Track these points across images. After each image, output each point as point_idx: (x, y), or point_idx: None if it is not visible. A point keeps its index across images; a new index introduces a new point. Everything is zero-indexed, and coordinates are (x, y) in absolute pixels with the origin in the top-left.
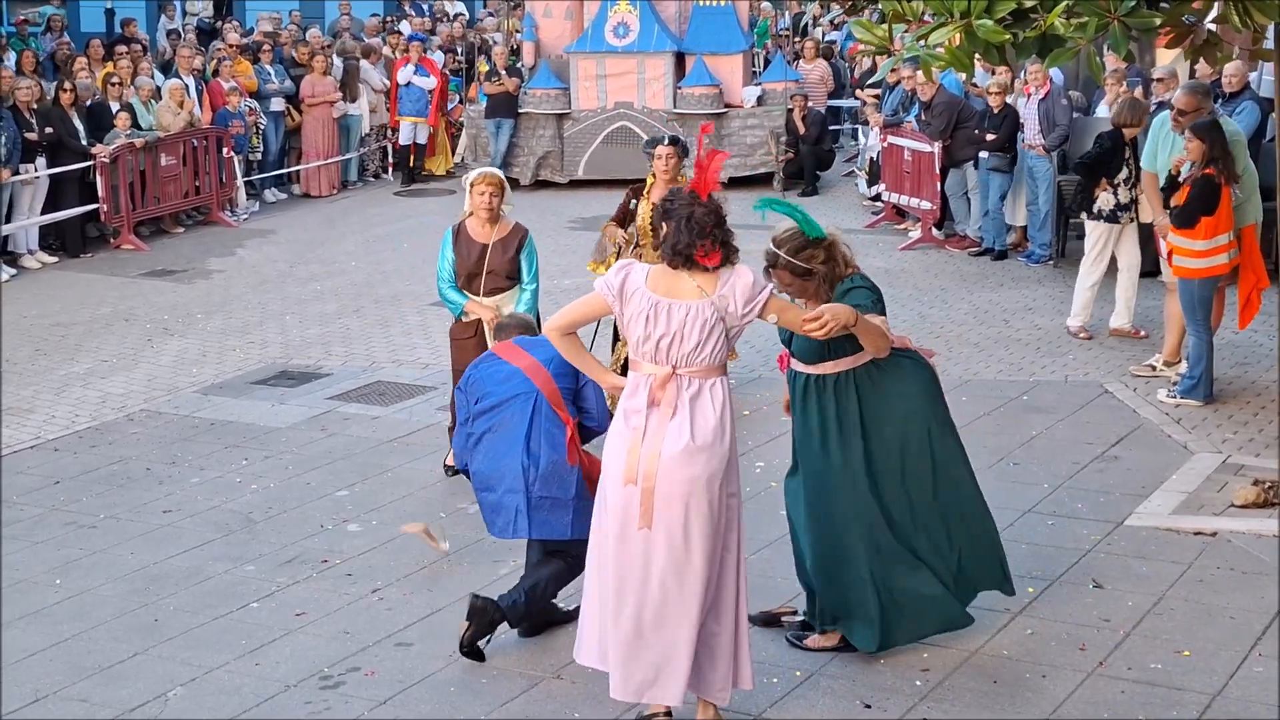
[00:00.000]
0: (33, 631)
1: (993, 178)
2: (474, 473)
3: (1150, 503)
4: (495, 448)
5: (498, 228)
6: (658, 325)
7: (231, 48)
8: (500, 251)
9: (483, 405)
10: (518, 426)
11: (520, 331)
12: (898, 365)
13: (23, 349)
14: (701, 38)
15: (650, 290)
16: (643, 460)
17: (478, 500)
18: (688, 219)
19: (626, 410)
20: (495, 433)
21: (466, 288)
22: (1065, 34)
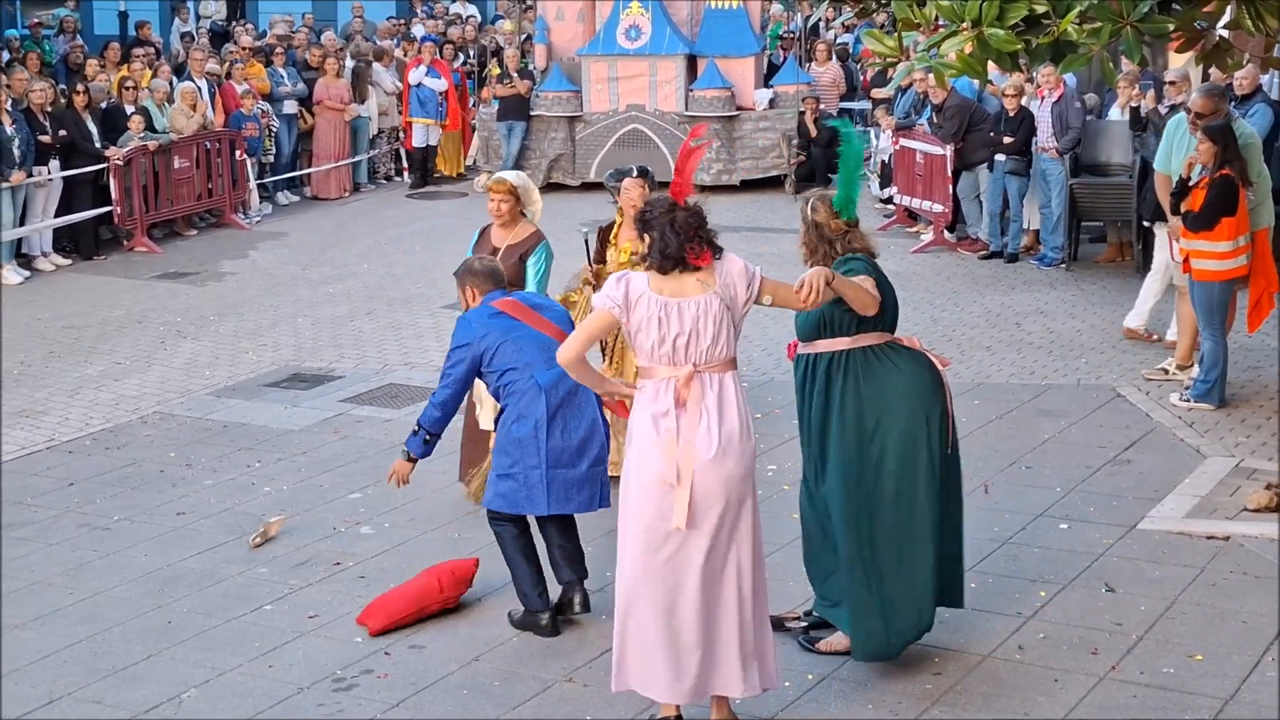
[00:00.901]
0: (47, 633)
1: (1009, 180)
2: (561, 448)
3: (1163, 506)
4: (574, 422)
5: (515, 232)
6: (671, 326)
7: (244, 50)
8: (509, 256)
9: (515, 361)
10: (594, 405)
11: (489, 282)
12: (898, 359)
13: (37, 351)
14: (713, 40)
15: (656, 293)
16: (680, 462)
17: (551, 476)
18: (671, 224)
19: (654, 415)
20: (573, 409)
21: None
22: (1078, 40)
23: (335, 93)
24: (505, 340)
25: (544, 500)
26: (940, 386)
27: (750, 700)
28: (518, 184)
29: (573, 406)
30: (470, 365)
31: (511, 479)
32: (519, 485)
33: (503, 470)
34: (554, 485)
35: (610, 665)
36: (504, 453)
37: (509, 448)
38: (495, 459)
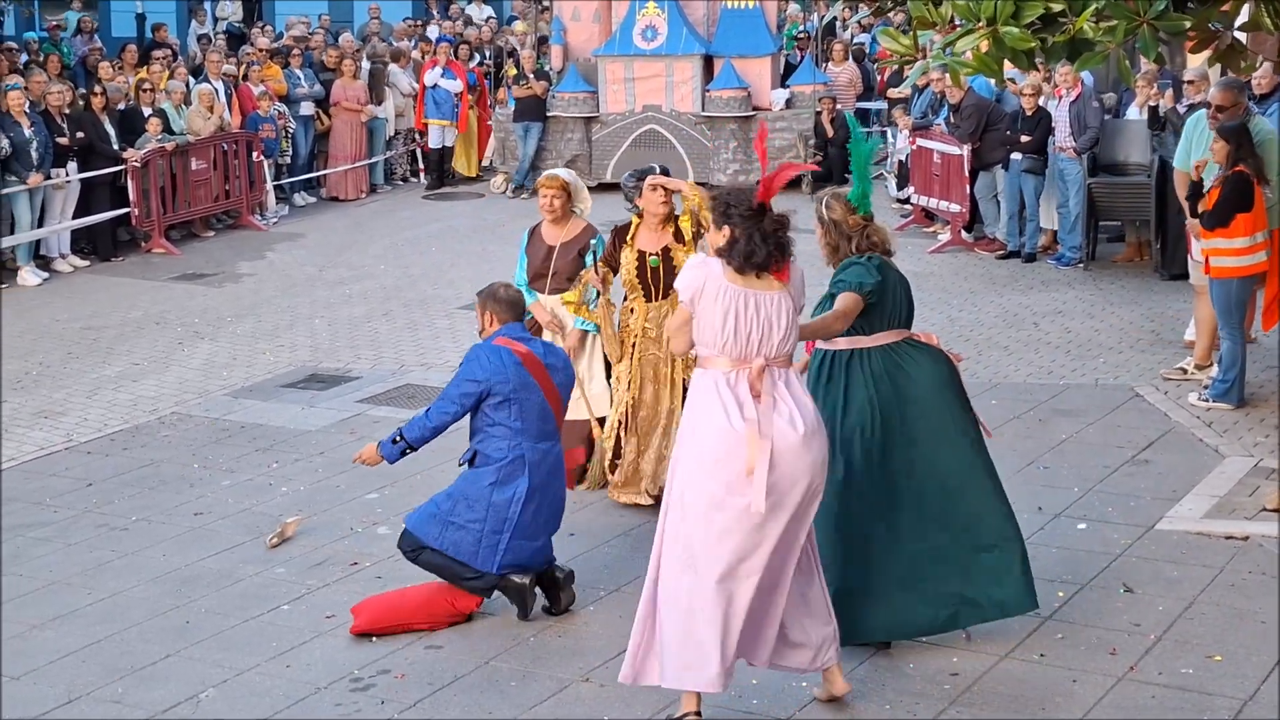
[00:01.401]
0: (66, 633)
1: (1026, 179)
2: (533, 526)
3: (1181, 507)
4: (549, 504)
5: (567, 229)
6: (747, 319)
7: (261, 52)
8: (565, 253)
9: (511, 420)
10: (563, 484)
11: (510, 312)
12: (918, 355)
13: (55, 352)
14: (730, 40)
15: (733, 284)
16: (761, 451)
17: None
18: (760, 233)
19: (726, 406)
20: (551, 487)
21: (534, 287)
22: (1094, 38)
23: (352, 94)
24: (513, 398)
25: (494, 563)
26: (956, 378)
27: (768, 699)
28: (569, 180)
29: (550, 489)
30: (477, 400)
31: (465, 531)
32: (473, 541)
33: (460, 520)
34: (510, 552)
35: (633, 658)
36: (468, 505)
37: (476, 504)
38: (454, 505)
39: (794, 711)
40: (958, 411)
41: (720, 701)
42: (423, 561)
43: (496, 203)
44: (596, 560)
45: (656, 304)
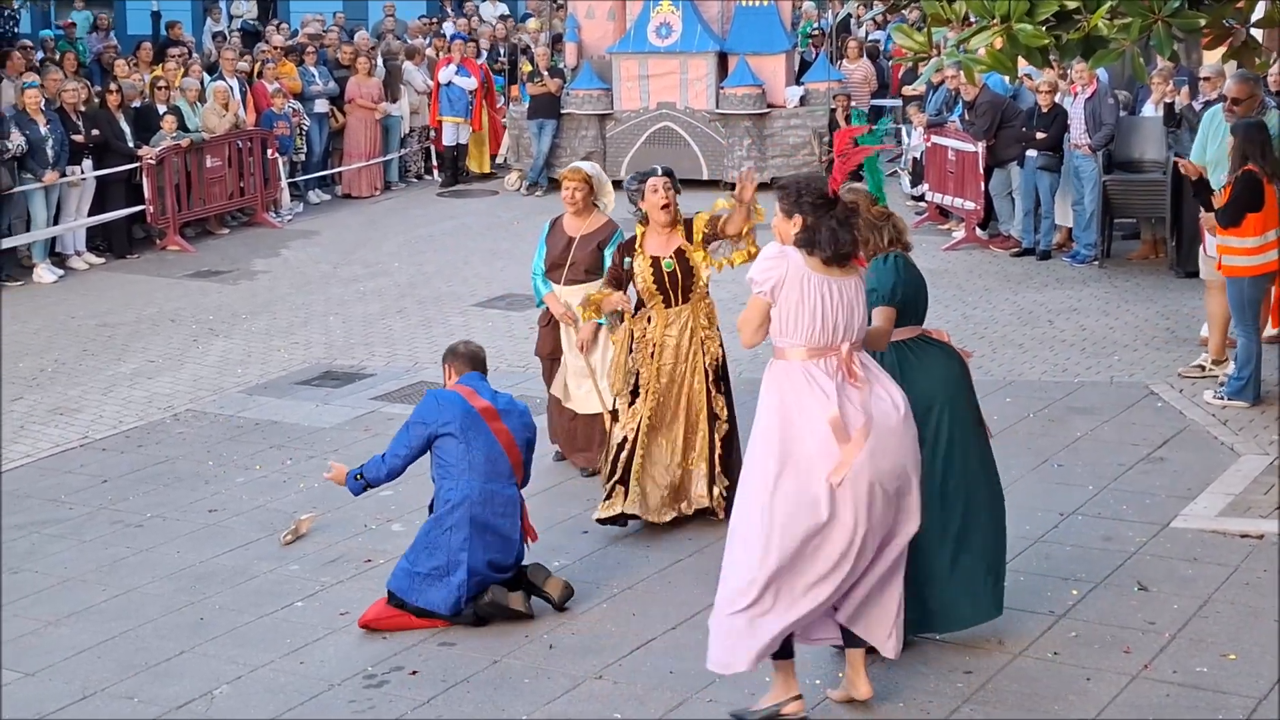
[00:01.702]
0: (81, 629)
1: (1041, 176)
2: (485, 563)
3: (1196, 505)
4: (500, 542)
5: (588, 221)
6: (832, 305)
7: (276, 49)
8: (584, 245)
9: (459, 459)
10: (517, 525)
11: (469, 364)
12: (933, 351)
13: (70, 349)
14: (744, 38)
15: (815, 272)
16: (867, 441)
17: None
18: (837, 222)
19: (825, 392)
20: (500, 526)
21: (551, 277)
22: (1109, 35)
23: (367, 91)
24: (459, 436)
25: (460, 604)
26: (966, 375)
27: None
28: (592, 173)
29: (497, 528)
30: (425, 442)
31: (430, 579)
32: (441, 589)
33: (424, 569)
34: (470, 589)
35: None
36: (429, 553)
37: (436, 551)
38: (417, 555)
39: (808, 710)
40: (964, 411)
41: (730, 700)
42: (412, 611)
43: (511, 200)
44: (610, 558)
45: (676, 309)
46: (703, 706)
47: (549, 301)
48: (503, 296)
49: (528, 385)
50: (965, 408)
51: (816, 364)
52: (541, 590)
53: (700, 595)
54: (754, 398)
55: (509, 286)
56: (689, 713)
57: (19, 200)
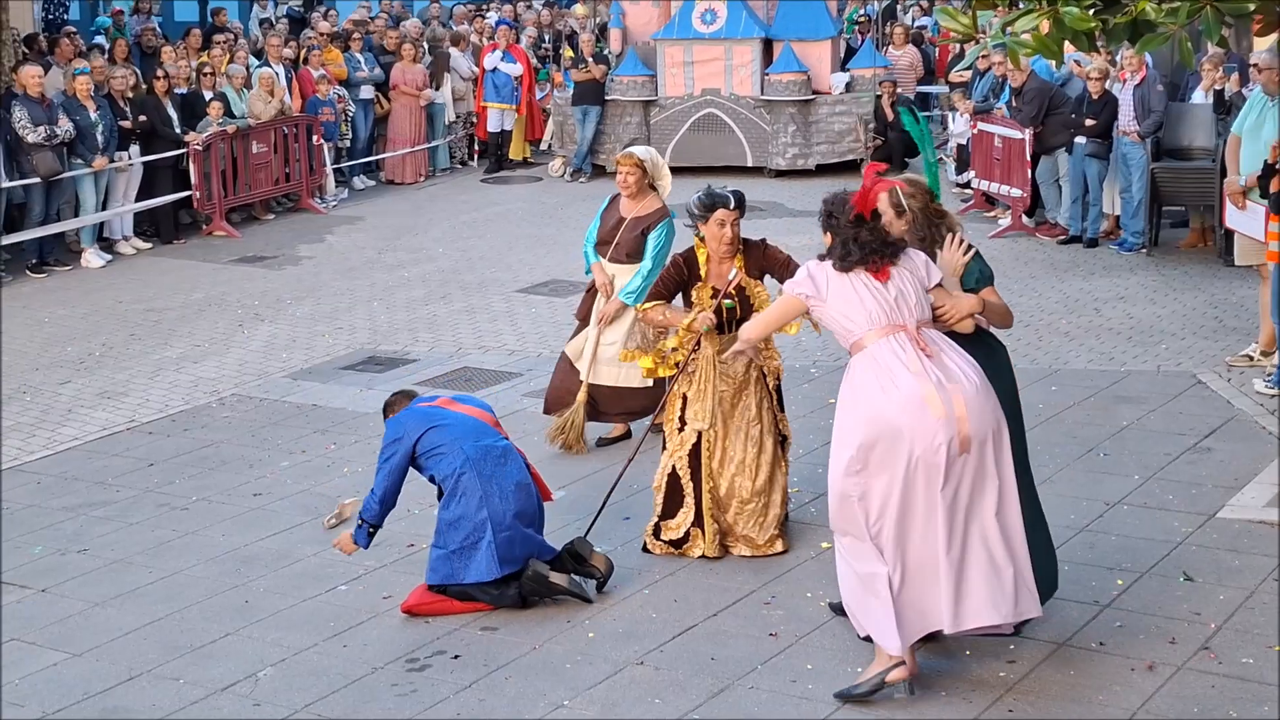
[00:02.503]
0: (127, 611)
1: (1089, 164)
2: (507, 515)
3: (1243, 495)
4: (514, 488)
5: (642, 204)
6: (873, 290)
7: (321, 36)
8: (632, 227)
9: (445, 439)
10: (524, 470)
11: (406, 400)
12: (984, 345)
13: (118, 333)
14: (789, 24)
15: (842, 274)
16: (954, 405)
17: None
18: (857, 240)
19: (907, 368)
20: (503, 475)
21: (600, 252)
22: (1156, 19)
23: (411, 78)
24: (431, 426)
25: (497, 566)
26: (1012, 373)
27: (821, 685)
28: (645, 158)
29: (502, 478)
30: (403, 454)
31: (465, 552)
32: (480, 557)
33: (455, 546)
34: (502, 546)
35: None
36: (454, 528)
37: (460, 524)
38: (444, 538)
39: (852, 695)
40: (1005, 406)
41: (772, 686)
42: (453, 595)
43: (554, 186)
44: None
45: (729, 335)
46: (744, 693)
47: (595, 270)
48: (546, 283)
49: None
50: (1004, 402)
51: (891, 340)
52: (588, 565)
53: (742, 582)
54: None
55: (552, 273)
56: (730, 699)
57: (68, 185)
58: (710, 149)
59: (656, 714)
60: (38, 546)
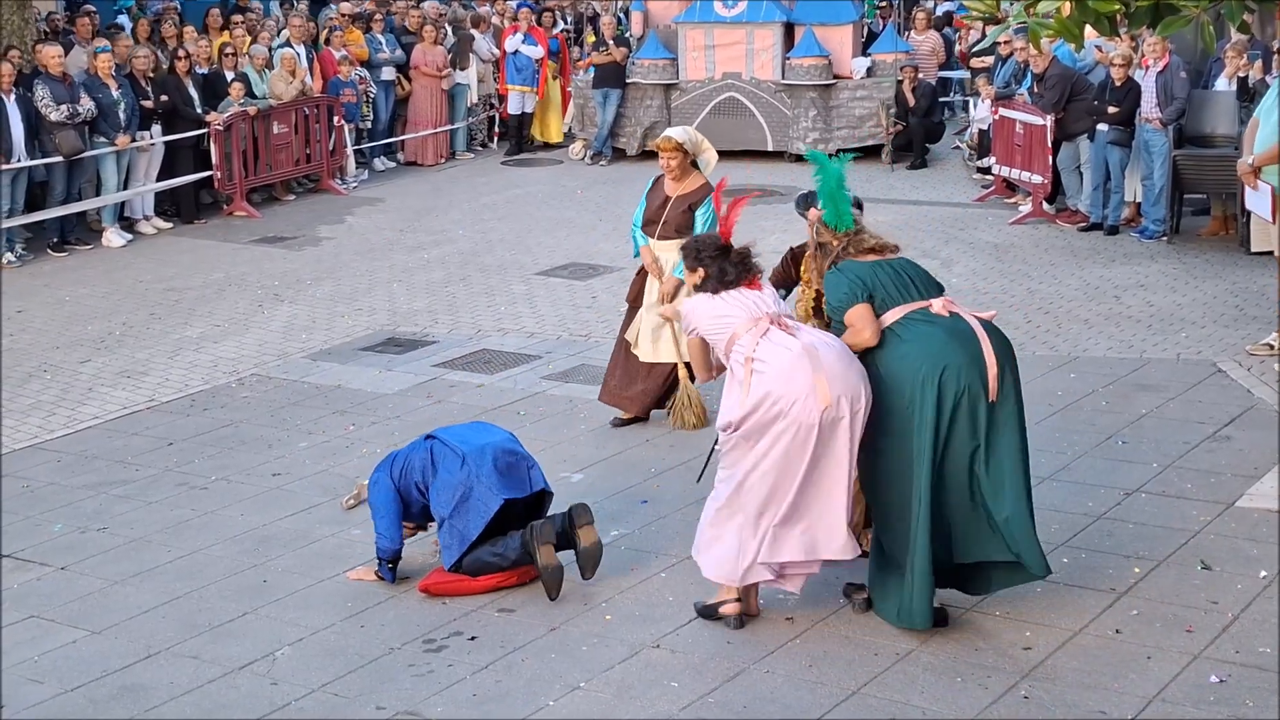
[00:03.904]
0: (146, 589)
1: (1111, 151)
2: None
3: (1262, 484)
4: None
5: (686, 183)
6: (740, 299)
7: (343, 16)
8: (678, 205)
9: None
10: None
11: None
12: (912, 330)
13: (138, 313)
14: (811, 8)
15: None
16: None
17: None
18: (729, 262)
19: (777, 345)
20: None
21: (647, 231)
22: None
23: (432, 60)
24: (421, 449)
25: (497, 491)
26: (975, 341)
27: (837, 669)
28: (683, 139)
29: (472, 436)
30: (392, 488)
31: (460, 512)
32: (472, 511)
33: (449, 509)
34: (494, 476)
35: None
36: (447, 491)
37: (446, 489)
38: (438, 509)
39: (865, 682)
40: (968, 377)
41: (787, 670)
42: (466, 567)
43: (575, 169)
44: (670, 527)
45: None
46: (760, 677)
47: (644, 253)
48: (565, 265)
49: (589, 354)
50: (967, 374)
51: (759, 330)
52: (574, 531)
53: None
54: None
55: (572, 256)
56: (746, 682)
57: (89, 164)
58: (731, 133)
59: (673, 697)
60: (58, 524)
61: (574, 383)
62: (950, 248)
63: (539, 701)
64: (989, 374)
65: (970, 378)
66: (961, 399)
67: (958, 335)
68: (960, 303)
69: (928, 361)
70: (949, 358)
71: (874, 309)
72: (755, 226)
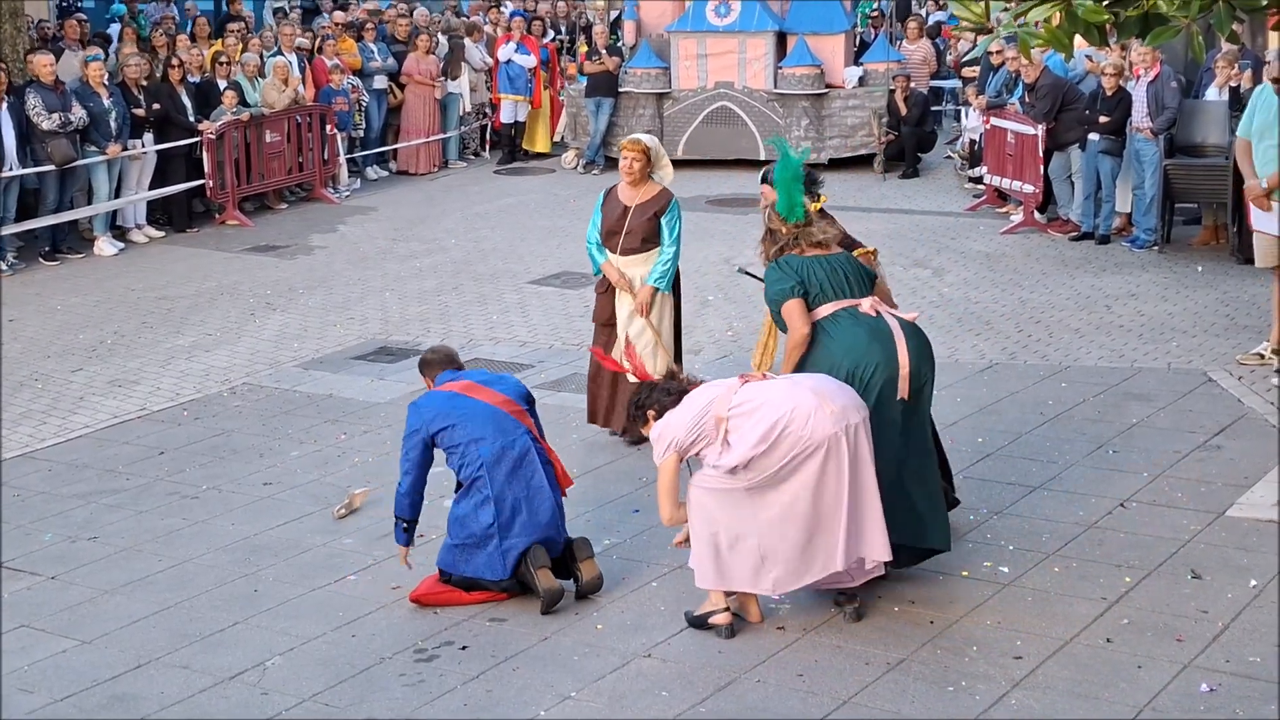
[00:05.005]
0: (136, 599)
1: (1103, 160)
2: (522, 526)
3: (1253, 494)
4: (527, 496)
5: (644, 191)
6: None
7: (336, 25)
8: (640, 213)
9: (463, 438)
10: (539, 473)
11: (441, 366)
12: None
13: (130, 321)
14: (803, 17)
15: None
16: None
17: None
18: (664, 389)
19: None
20: (518, 480)
21: (607, 244)
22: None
23: (425, 69)
24: (453, 422)
25: (504, 568)
26: (890, 341)
27: (828, 678)
28: (650, 145)
29: (516, 483)
30: (423, 448)
31: (470, 550)
32: (483, 556)
33: (461, 541)
34: (511, 552)
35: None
36: (462, 526)
37: (467, 522)
38: (454, 529)
39: (855, 692)
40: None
41: (779, 680)
42: (456, 583)
43: (567, 178)
44: (660, 537)
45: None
46: (752, 686)
47: (605, 269)
48: (558, 274)
49: (581, 364)
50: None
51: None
52: (576, 566)
53: None
54: None
55: (565, 264)
56: (737, 692)
57: (81, 173)
58: (723, 142)
59: (663, 706)
60: (48, 533)
61: (566, 391)
62: (942, 257)
63: (530, 711)
64: (900, 373)
65: (885, 375)
66: (878, 394)
67: (879, 335)
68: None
69: (849, 357)
70: (868, 356)
71: (807, 304)
72: (744, 236)
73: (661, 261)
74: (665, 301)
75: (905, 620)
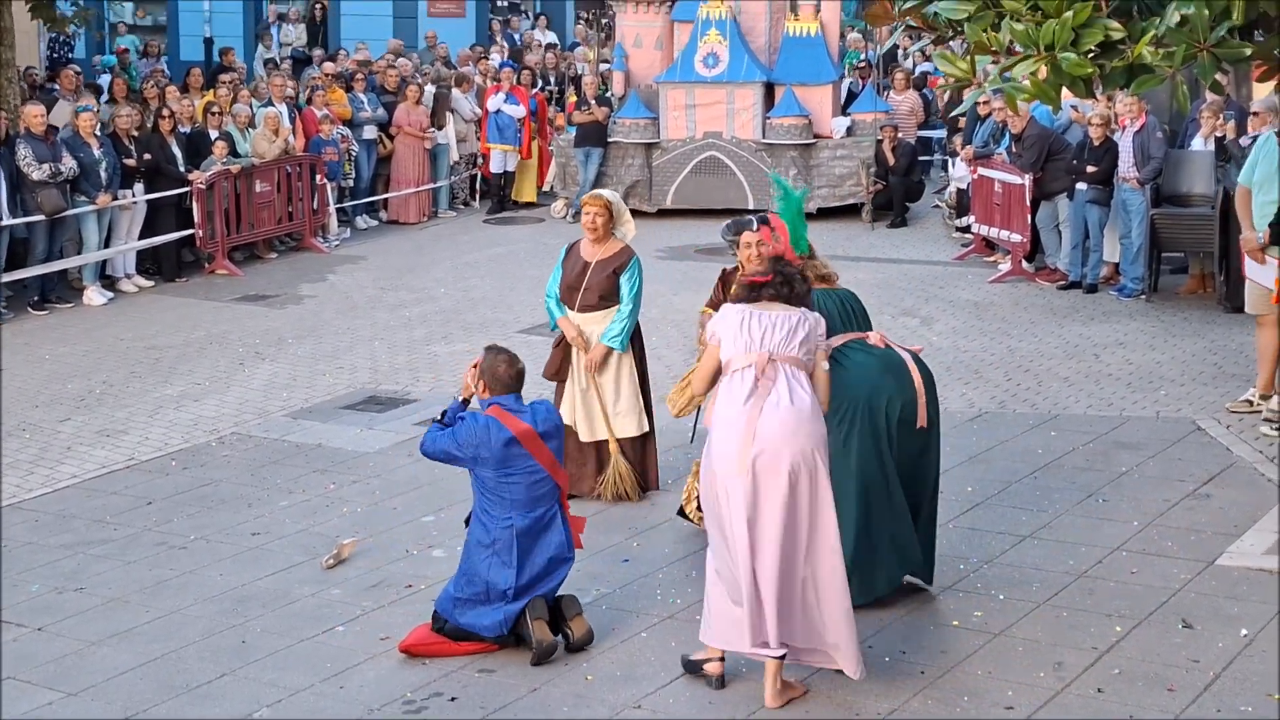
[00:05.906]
0: (123, 650)
1: (1090, 210)
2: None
3: (1242, 542)
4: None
5: (605, 248)
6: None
7: (325, 76)
8: (600, 270)
9: (504, 494)
10: (560, 537)
11: (505, 388)
12: (849, 357)
13: (118, 371)
14: (791, 68)
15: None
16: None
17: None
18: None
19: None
20: (541, 548)
21: (566, 301)
22: (1153, 63)
23: (415, 119)
24: (499, 470)
25: (504, 627)
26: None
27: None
28: (613, 200)
29: (539, 548)
30: (464, 459)
31: (474, 605)
32: (483, 612)
33: (465, 596)
34: (510, 618)
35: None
36: (469, 581)
37: (475, 579)
38: (461, 583)
39: None
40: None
41: None
42: (448, 632)
43: (557, 227)
44: (650, 587)
45: None
46: None
47: (562, 325)
48: (547, 324)
49: None
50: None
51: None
52: (565, 624)
53: None
54: None
55: None
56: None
57: (71, 223)
58: (712, 191)
59: None
60: (34, 584)
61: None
62: (930, 306)
63: None
64: (919, 401)
65: (900, 404)
66: (894, 423)
67: (891, 366)
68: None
69: (865, 387)
70: (884, 386)
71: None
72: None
73: (618, 319)
74: (624, 360)
75: (896, 670)
